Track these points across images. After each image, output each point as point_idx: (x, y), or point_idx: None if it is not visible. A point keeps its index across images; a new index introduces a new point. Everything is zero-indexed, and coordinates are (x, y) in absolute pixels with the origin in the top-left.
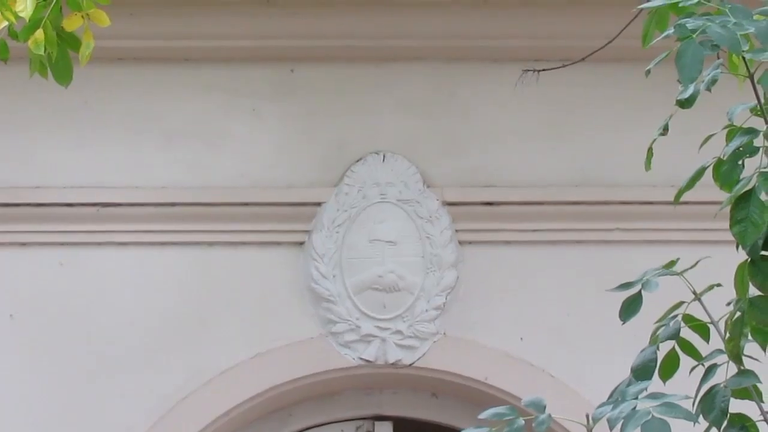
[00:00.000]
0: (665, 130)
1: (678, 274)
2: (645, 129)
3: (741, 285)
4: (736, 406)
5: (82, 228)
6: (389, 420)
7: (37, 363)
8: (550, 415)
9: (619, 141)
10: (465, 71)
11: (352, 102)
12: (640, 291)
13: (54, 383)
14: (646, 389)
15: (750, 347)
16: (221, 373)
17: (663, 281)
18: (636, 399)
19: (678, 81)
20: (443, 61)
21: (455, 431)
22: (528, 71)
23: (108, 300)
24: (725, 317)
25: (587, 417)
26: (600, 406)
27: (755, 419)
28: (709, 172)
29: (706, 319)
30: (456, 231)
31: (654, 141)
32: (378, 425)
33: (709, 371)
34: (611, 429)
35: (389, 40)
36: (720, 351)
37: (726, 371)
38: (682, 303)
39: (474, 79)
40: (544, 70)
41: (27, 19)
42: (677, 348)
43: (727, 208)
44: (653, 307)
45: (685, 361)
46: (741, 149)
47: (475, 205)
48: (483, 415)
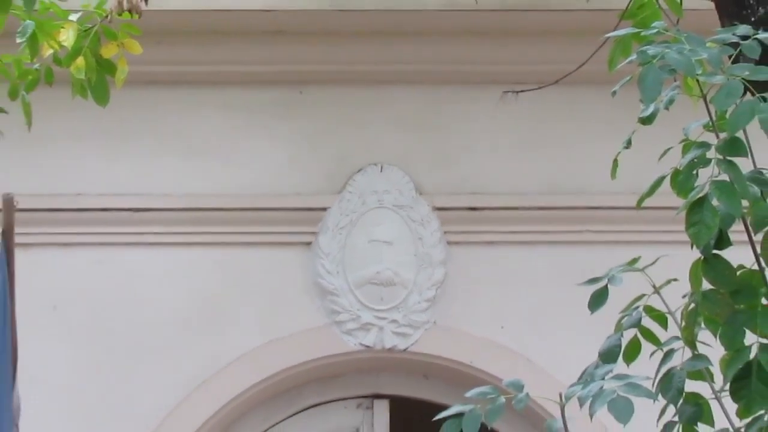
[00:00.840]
0: (629, 144)
1: (639, 270)
2: (611, 143)
3: (695, 280)
4: (690, 386)
5: (117, 230)
6: (386, 398)
7: (77, 348)
8: (527, 394)
9: (588, 154)
10: (452, 93)
11: (352, 120)
12: (606, 285)
13: (92, 366)
14: (611, 371)
15: (703, 335)
16: (239, 357)
17: (626, 277)
18: (603, 380)
19: (640, 101)
20: (433, 84)
21: (444, 408)
22: (507, 92)
23: (139, 293)
24: (681, 308)
25: (560, 396)
26: (571, 386)
27: (708, 398)
28: (668, 181)
29: (664, 310)
30: (444, 233)
31: (619, 153)
32: (376, 403)
33: (667, 356)
34: (581, 406)
35: (385, 65)
36: (677, 338)
37: (682, 355)
38: (643, 296)
39: (460, 100)
40: (521, 91)
41: (69, 48)
42: (639, 335)
43: (683, 212)
44: (618, 300)
45: (646, 347)
46: (695, 161)
47: (461, 210)
48: (469, 394)
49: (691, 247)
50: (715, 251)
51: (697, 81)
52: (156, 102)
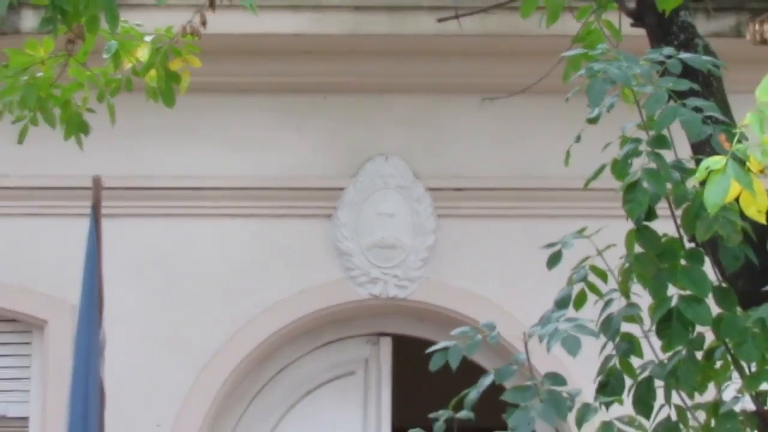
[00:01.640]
0: (578, 139)
1: (586, 237)
2: (566, 139)
3: (630, 245)
4: (625, 327)
5: (181, 204)
6: (389, 336)
7: (150, 296)
8: (498, 333)
9: (549, 147)
10: (442, 99)
11: (364, 120)
12: (560, 249)
13: (161, 310)
14: (564, 315)
15: (635, 287)
16: (274, 304)
17: (577, 242)
18: (557, 322)
19: (588, 105)
20: (427, 93)
21: (434, 344)
22: (485, 99)
23: (197, 253)
24: (619, 267)
25: (524, 334)
26: (533, 326)
27: (638, 337)
28: (609, 167)
29: (605, 269)
30: (435, 208)
31: (571, 146)
32: (382, 339)
33: (607, 304)
34: (540, 342)
35: (390, 78)
36: (615, 290)
37: (618, 304)
38: (588, 257)
39: (448, 105)
40: (496, 98)
41: (144, 62)
42: (585, 288)
43: (621, 192)
44: (570, 260)
45: (591, 297)
46: (630, 152)
47: (449, 190)
48: (454, 333)
49: (627, 220)
50: (645, 223)
51: (632, 90)
52: (211, 104)
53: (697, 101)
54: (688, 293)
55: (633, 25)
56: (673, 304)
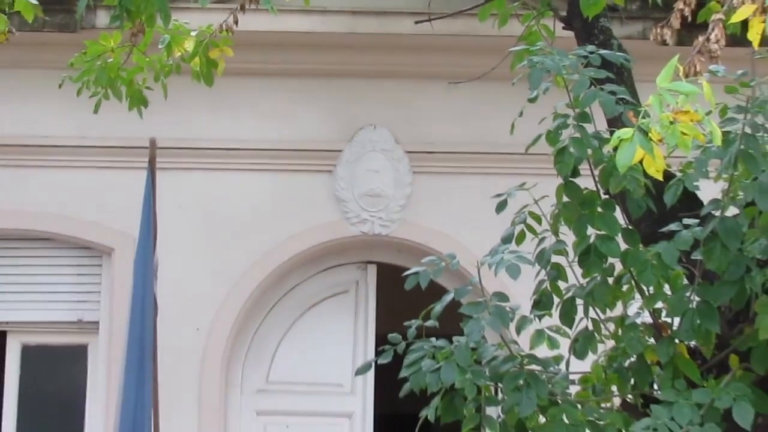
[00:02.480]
0: (521, 114)
1: (526, 189)
2: (513, 114)
3: (559, 196)
4: (555, 259)
5: (215, 161)
6: (375, 263)
7: (193, 230)
8: (458, 261)
9: (500, 120)
10: (418, 83)
11: (358, 98)
12: (506, 198)
13: (202, 241)
14: (508, 249)
15: (563, 229)
16: (288, 237)
17: (519, 194)
18: (503, 253)
19: (529, 89)
20: (407, 78)
21: (409, 269)
22: (451, 83)
23: (228, 199)
24: (550, 213)
25: (477, 263)
26: (484, 257)
27: (564, 266)
28: (544, 137)
29: (540, 214)
30: (411, 166)
31: (515, 120)
32: (369, 266)
33: (541, 240)
34: (489, 269)
35: (379, 66)
36: (547, 230)
37: (549, 241)
38: (527, 205)
39: (423, 87)
40: (460, 82)
41: (190, 51)
42: (525, 228)
43: (553, 156)
44: (514, 207)
45: (529, 236)
46: (560, 125)
47: (422, 153)
48: (424, 261)
49: (557, 177)
50: (571, 179)
51: (563, 78)
52: (240, 85)
53: (612, 87)
54: (602, 233)
55: (564, 28)
56: (591, 241)
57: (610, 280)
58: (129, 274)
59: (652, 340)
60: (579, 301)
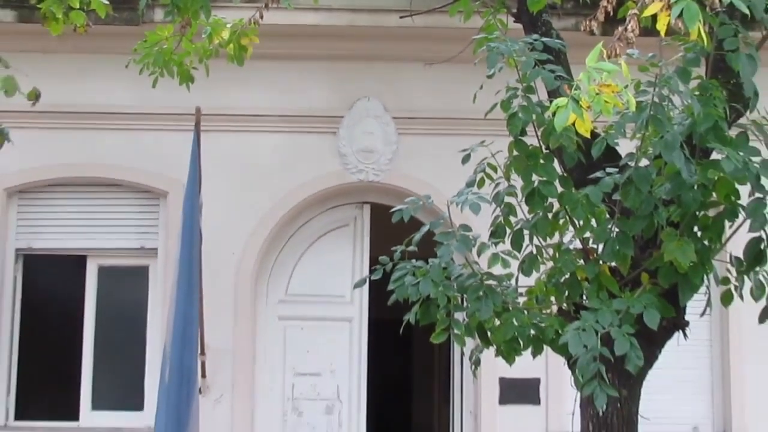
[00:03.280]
0: (481, 87)
1: (485, 146)
2: (475, 87)
3: (510, 151)
4: (507, 199)
5: (245, 124)
6: (369, 204)
7: (228, 179)
8: (432, 201)
9: (465, 92)
10: (402, 64)
11: (356, 76)
12: (469, 153)
13: (235, 188)
14: (471, 191)
15: (513, 176)
16: (301, 183)
17: (480, 149)
18: (467, 195)
19: (488, 68)
20: (393, 60)
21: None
22: (427, 64)
23: (256, 154)
24: (504, 163)
25: (447, 202)
26: (452, 197)
27: (515, 204)
28: (499, 105)
29: (496, 164)
30: (396, 128)
31: (476, 92)
32: (364, 206)
33: (497, 185)
34: (457, 206)
35: (372, 51)
36: (501, 177)
37: (503, 185)
38: (486, 158)
39: (406, 68)
40: (434, 64)
41: (226, 39)
42: (484, 175)
43: (506, 119)
44: (476, 159)
45: (487, 181)
46: (511, 96)
47: (405, 118)
48: (406, 201)
49: (509, 136)
50: (520, 137)
51: (514, 59)
52: (264, 65)
53: (551, 66)
54: (544, 179)
55: (515, 22)
56: (535, 185)
57: (549, 215)
58: (179, 211)
59: (581, 261)
60: (526, 232)
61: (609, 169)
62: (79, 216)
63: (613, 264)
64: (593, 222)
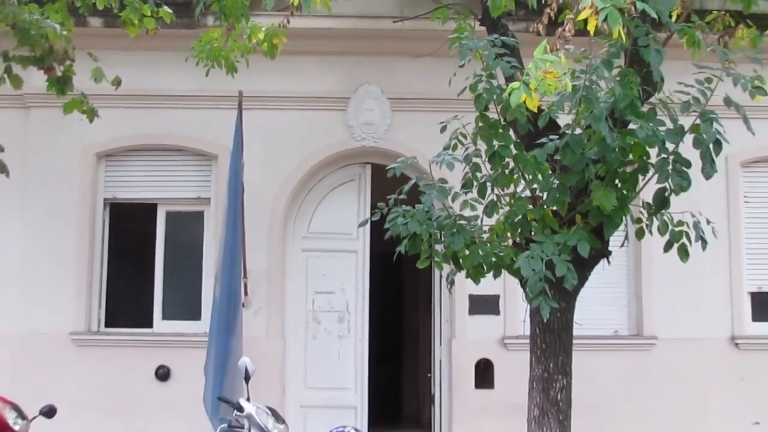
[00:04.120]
0: (455, 74)
1: (458, 119)
2: (450, 74)
3: (477, 123)
4: (474, 159)
5: (275, 104)
6: (370, 164)
7: (263, 144)
8: (418, 161)
9: (444, 78)
10: (396, 57)
11: (360, 67)
12: (446, 125)
13: (268, 151)
14: (447, 152)
15: (479, 142)
16: (318, 148)
17: (454, 122)
18: (444, 156)
19: (460, 59)
20: (389, 54)
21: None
22: (416, 56)
23: (282, 127)
24: (473, 131)
25: (429, 162)
26: (432, 158)
27: (480, 163)
28: (469, 88)
29: (467, 132)
30: (391, 107)
31: (451, 78)
32: (366, 165)
33: (467, 148)
34: (436, 165)
35: (372, 47)
36: (470, 143)
37: (472, 149)
38: (458, 128)
39: (399, 60)
40: (421, 56)
41: (261, 39)
42: (457, 141)
43: (474, 98)
44: (451, 129)
45: (460, 146)
46: (478, 81)
47: (397, 99)
48: (398, 161)
49: (476, 111)
50: (484, 113)
51: (480, 53)
52: (291, 59)
53: (508, 58)
54: (502, 144)
55: (480, 25)
56: (496, 148)
57: (506, 171)
58: (227, 170)
59: (530, 206)
60: (488, 184)
61: (551, 136)
62: (151, 173)
63: (554, 208)
64: (539, 176)
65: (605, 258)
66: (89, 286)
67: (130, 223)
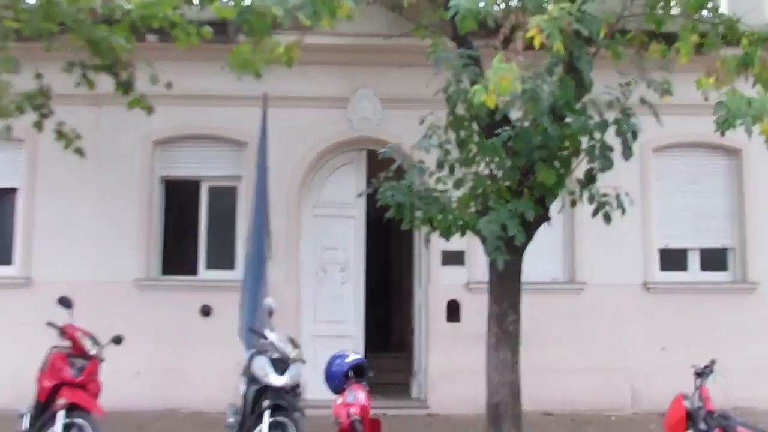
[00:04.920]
0: (431, 80)
1: (433, 115)
2: (428, 80)
3: (448, 117)
4: (446, 146)
5: (291, 103)
6: (365, 149)
7: (282, 135)
8: (402, 146)
9: (422, 83)
10: (385, 67)
11: (358, 75)
12: (424, 119)
13: (283, 140)
14: (428, 140)
15: (450, 132)
16: (324, 136)
17: (430, 117)
18: (423, 143)
19: (435, 67)
20: (380, 65)
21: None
22: (401, 66)
23: (297, 121)
24: (445, 124)
25: (411, 148)
26: (413, 145)
27: (451, 149)
28: (443, 90)
29: (439, 125)
30: (382, 105)
31: (428, 81)
32: (362, 151)
33: (441, 137)
34: (416, 149)
35: (367, 59)
36: (445, 134)
37: (445, 137)
38: (434, 122)
39: (387, 69)
40: (405, 66)
41: (282, 52)
42: (433, 132)
43: (445, 98)
44: (428, 122)
45: (435, 136)
46: (449, 84)
47: (387, 99)
48: (386, 147)
49: (448, 108)
50: (454, 109)
51: (451, 62)
52: (303, 67)
53: (472, 67)
54: (468, 133)
55: (451, 40)
56: (462, 137)
57: (470, 155)
58: (255, 153)
59: (489, 182)
60: (457, 165)
61: (505, 128)
62: (196, 156)
63: (508, 183)
64: (496, 158)
65: (546, 221)
66: (148, 243)
67: (179, 196)
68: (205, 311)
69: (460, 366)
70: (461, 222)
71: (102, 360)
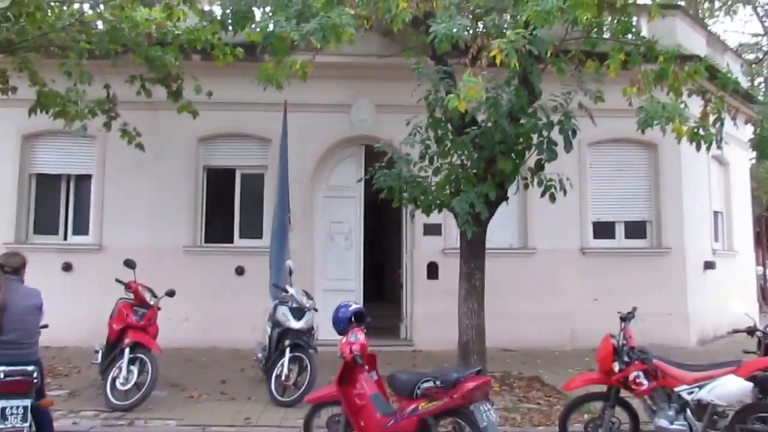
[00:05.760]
0: (418, 86)
1: (417, 118)
2: (412, 88)
3: (428, 119)
4: (427, 142)
5: (306, 109)
6: (364, 144)
7: (297, 134)
8: (392, 141)
9: (408, 92)
10: (380, 81)
11: (358, 87)
12: (409, 121)
13: (300, 138)
14: (412, 137)
15: (430, 131)
16: (331, 135)
17: (414, 119)
18: (409, 139)
19: (418, 80)
20: (376, 80)
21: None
22: (394, 80)
23: (309, 123)
24: (425, 124)
25: (399, 143)
26: (402, 140)
27: (432, 144)
28: (424, 97)
29: (421, 126)
30: (377, 110)
31: (414, 91)
32: (362, 146)
33: (423, 135)
34: (404, 145)
35: (366, 74)
36: (426, 133)
37: (426, 135)
38: (417, 123)
39: (381, 83)
40: (397, 80)
41: (299, 67)
42: (417, 131)
43: (426, 104)
44: (413, 124)
45: (418, 134)
46: (430, 93)
47: (381, 105)
48: (380, 142)
49: (428, 112)
50: (433, 113)
51: (431, 77)
52: (315, 81)
53: (447, 79)
54: (444, 132)
55: (431, 59)
56: (439, 135)
57: (446, 149)
58: (278, 147)
59: (460, 170)
60: (436, 157)
61: (473, 128)
62: (231, 150)
63: (475, 171)
64: (466, 152)
65: (505, 200)
66: (195, 217)
67: (218, 181)
68: (239, 271)
69: (437, 313)
70: (438, 201)
71: (159, 309)
